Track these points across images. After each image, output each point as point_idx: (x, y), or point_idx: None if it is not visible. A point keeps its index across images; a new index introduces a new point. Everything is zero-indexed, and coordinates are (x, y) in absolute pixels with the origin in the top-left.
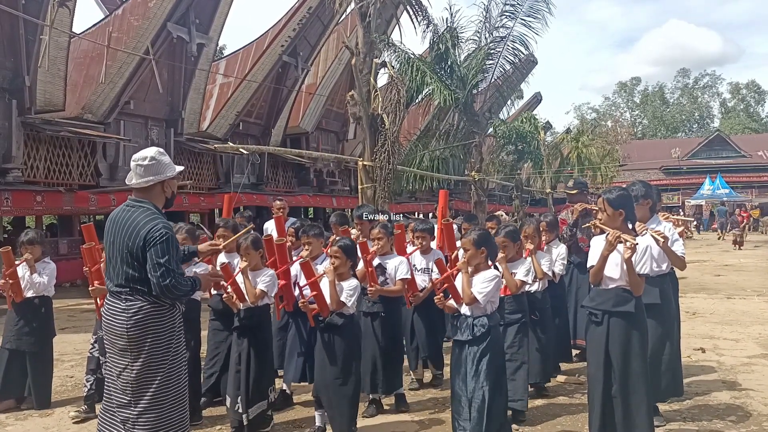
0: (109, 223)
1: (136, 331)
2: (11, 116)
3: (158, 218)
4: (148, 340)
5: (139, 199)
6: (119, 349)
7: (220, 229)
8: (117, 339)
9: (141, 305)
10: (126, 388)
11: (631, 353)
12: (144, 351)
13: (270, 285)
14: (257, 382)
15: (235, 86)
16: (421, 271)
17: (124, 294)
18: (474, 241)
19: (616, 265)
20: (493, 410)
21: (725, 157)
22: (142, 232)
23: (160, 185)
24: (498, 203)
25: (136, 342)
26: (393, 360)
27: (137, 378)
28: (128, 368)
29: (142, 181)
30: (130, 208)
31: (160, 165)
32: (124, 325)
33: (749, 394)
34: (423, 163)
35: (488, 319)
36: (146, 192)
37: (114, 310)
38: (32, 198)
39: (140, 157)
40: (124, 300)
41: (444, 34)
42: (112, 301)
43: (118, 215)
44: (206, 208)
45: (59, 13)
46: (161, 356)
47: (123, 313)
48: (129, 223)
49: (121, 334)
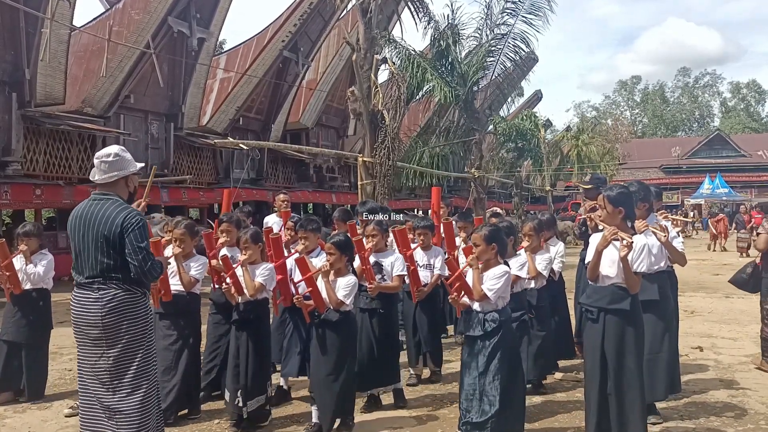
0: (75, 219)
1: (111, 319)
2: (11, 109)
3: (129, 207)
4: (124, 327)
5: (105, 192)
6: (93, 338)
7: (224, 224)
8: (90, 329)
9: (115, 293)
10: (103, 377)
11: (626, 351)
12: (120, 338)
13: (268, 279)
14: (256, 376)
15: (235, 81)
16: (423, 267)
17: (97, 284)
18: (485, 236)
19: (612, 263)
20: (508, 404)
21: (725, 157)
22: (117, 219)
23: (123, 180)
24: (497, 201)
25: (112, 329)
26: (390, 356)
27: (114, 365)
28: (104, 356)
29: (106, 177)
30: (98, 201)
31: (123, 161)
32: (98, 313)
33: (746, 393)
34: (423, 159)
35: (499, 313)
36: (111, 187)
37: (85, 300)
38: (31, 191)
39: (104, 154)
40: (96, 289)
41: (445, 30)
42: (83, 293)
43: (85, 209)
44: (205, 202)
45: (60, 6)
46: (138, 342)
47: (96, 302)
48: (101, 214)
49: (95, 323)
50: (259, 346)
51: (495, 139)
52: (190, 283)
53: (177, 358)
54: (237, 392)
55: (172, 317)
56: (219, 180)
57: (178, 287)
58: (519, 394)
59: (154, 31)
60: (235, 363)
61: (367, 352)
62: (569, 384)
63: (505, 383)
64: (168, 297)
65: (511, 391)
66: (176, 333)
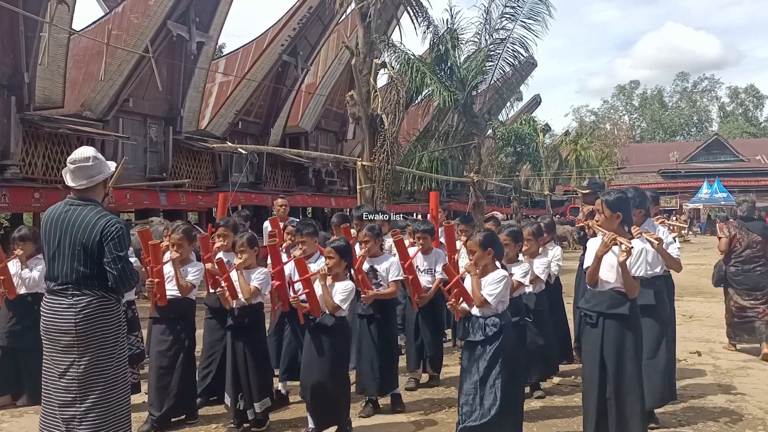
0: (50, 223)
1: (85, 326)
2: (10, 113)
3: (108, 214)
4: (97, 335)
5: (83, 197)
6: (63, 346)
7: (221, 228)
8: (61, 336)
9: (90, 300)
10: (71, 386)
11: (625, 355)
12: (92, 346)
13: (263, 283)
14: (259, 379)
15: (234, 85)
16: (424, 271)
17: (71, 290)
18: (480, 242)
19: (611, 267)
20: (507, 409)
21: (723, 161)
22: (97, 227)
23: (102, 183)
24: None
25: (84, 337)
26: (389, 361)
27: (84, 374)
28: (74, 364)
29: (87, 182)
30: (76, 207)
31: (101, 164)
32: (71, 320)
33: (744, 398)
34: (422, 163)
35: (500, 318)
36: (89, 191)
37: (58, 307)
38: (30, 195)
39: (81, 158)
40: (70, 296)
41: (444, 35)
42: (55, 299)
43: (61, 214)
44: (204, 207)
45: (59, 9)
46: (110, 351)
47: (70, 309)
48: (80, 221)
49: (67, 329)
50: (257, 350)
51: (494, 144)
52: (186, 288)
53: (173, 363)
54: (238, 396)
55: (168, 322)
56: (218, 184)
57: (174, 292)
58: (518, 399)
59: (154, 34)
60: (233, 369)
61: (366, 358)
62: (567, 389)
63: (505, 388)
64: (163, 301)
65: (511, 395)
66: (172, 338)
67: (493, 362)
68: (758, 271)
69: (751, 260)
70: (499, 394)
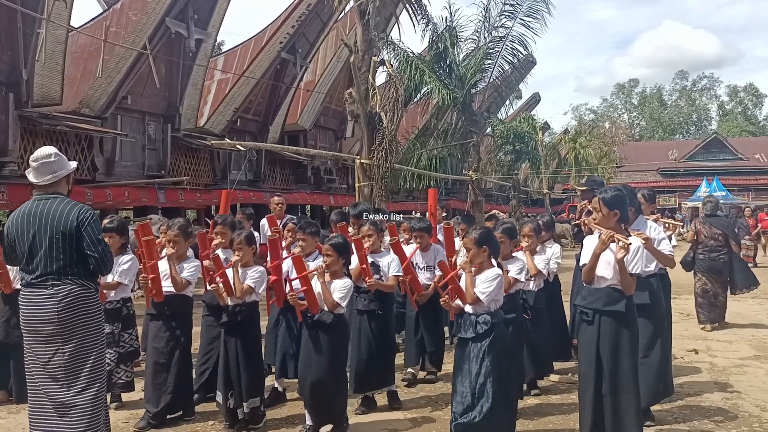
0: (22, 219)
1: (67, 314)
2: (8, 110)
3: (79, 203)
4: (79, 322)
5: (49, 192)
6: (46, 336)
7: (219, 226)
8: (44, 326)
9: (71, 288)
10: (57, 373)
11: (621, 352)
12: (75, 333)
13: (258, 281)
14: (248, 378)
15: (233, 82)
16: (424, 269)
17: (50, 280)
18: (475, 240)
19: (608, 264)
20: (499, 405)
21: (722, 160)
22: (72, 215)
23: (65, 178)
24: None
25: (67, 325)
26: (386, 357)
27: (70, 360)
28: (59, 353)
29: (51, 177)
30: (46, 200)
31: (62, 160)
32: (53, 309)
33: (741, 396)
34: (421, 162)
35: (491, 316)
36: (54, 186)
37: (38, 298)
38: (28, 192)
39: (44, 156)
40: (50, 286)
41: (443, 33)
42: (34, 291)
43: (32, 210)
44: (203, 204)
45: (57, 6)
46: (93, 337)
47: (51, 299)
48: (53, 212)
49: (49, 319)
50: (249, 349)
51: (493, 142)
52: (182, 285)
53: (169, 360)
54: (228, 394)
55: (164, 318)
56: (216, 181)
57: (171, 289)
58: (511, 395)
59: (152, 32)
60: (225, 366)
61: (364, 354)
62: (564, 386)
63: (496, 385)
64: (159, 298)
65: (503, 392)
66: (168, 334)
67: (484, 359)
68: (722, 259)
69: (715, 249)
70: (490, 391)
